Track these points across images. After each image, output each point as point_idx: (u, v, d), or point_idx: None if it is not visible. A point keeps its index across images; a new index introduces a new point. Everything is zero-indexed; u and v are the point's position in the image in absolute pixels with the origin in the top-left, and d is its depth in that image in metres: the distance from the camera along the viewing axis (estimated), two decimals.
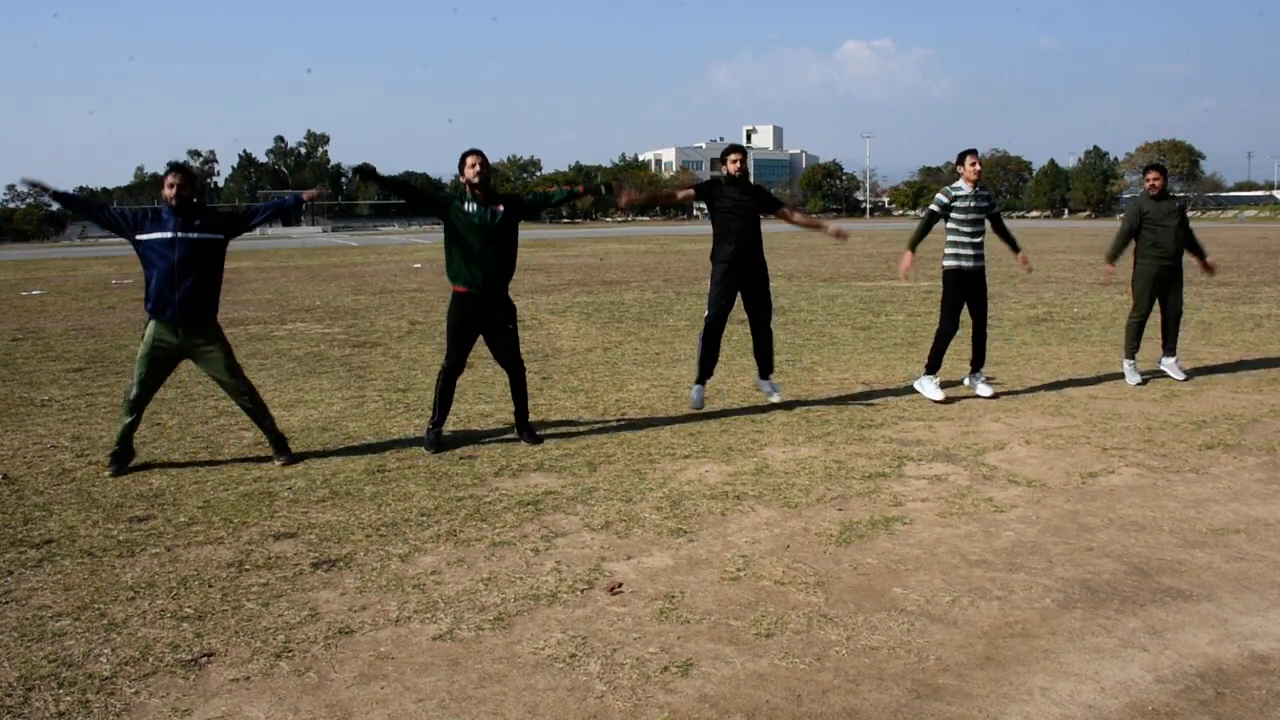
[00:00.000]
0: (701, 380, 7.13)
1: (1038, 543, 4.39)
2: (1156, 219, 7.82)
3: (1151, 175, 7.96)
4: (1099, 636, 3.45)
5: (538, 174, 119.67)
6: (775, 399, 7.22)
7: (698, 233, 52.55)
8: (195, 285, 5.65)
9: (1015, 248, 7.78)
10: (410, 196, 6.56)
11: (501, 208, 6.14)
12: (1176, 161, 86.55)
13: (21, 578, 4.19)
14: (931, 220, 7.38)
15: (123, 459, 5.84)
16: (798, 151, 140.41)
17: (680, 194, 7.42)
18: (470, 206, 6.03)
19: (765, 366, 7.24)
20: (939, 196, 7.37)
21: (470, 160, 6.04)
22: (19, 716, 3.06)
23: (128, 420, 5.82)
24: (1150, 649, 3.35)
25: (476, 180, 6.02)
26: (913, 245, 7.40)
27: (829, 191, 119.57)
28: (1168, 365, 8.07)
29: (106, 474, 5.74)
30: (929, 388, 7.40)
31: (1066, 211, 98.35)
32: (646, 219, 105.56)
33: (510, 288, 6.44)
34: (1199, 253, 8.09)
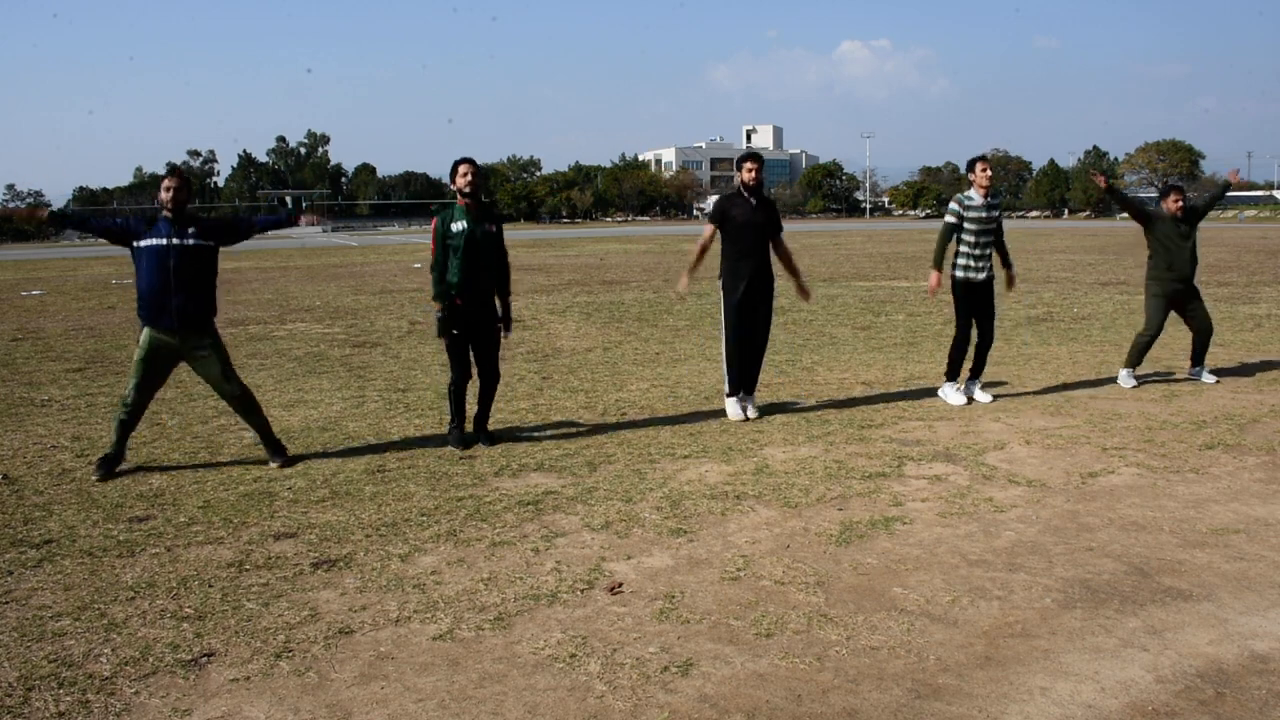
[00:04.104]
0: (735, 393, 6.94)
1: (1038, 543, 4.39)
2: (1172, 240, 7.78)
3: (1173, 197, 7.88)
4: (1099, 636, 3.45)
5: (538, 174, 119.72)
6: (751, 415, 6.92)
7: (697, 233, 52.54)
8: (191, 292, 5.63)
9: (1006, 263, 7.46)
10: (446, 266, 6.24)
11: (494, 229, 6.19)
12: (1176, 161, 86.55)
13: (21, 578, 4.19)
14: (950, 232, 7.19)
15: (113, 462, 5.76)
16: (798, 151, 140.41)
17: (707, 235, 6.96)
18: (459, 225, 6.06)
19: (750, 383, 7.03)
20: (953, 206, 7.21)
21: (462, 169, 6.09)
22: (19, 716, 3.06)
23: (122, 420, 5.76)
24: (1150, 649, 3.35)
25: (468, 189, 6.05)
26: (937, 263, 7.16)
27: (829, 191, 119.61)
28: (1199, 374, 8.02)
29: (93, 478, 5.65)
30: (951, 394, 7.36)
31: (1066, 211, 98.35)
32: (646, 219, 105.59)
33: (510, 288, 6.44)
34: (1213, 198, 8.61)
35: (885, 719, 2.95)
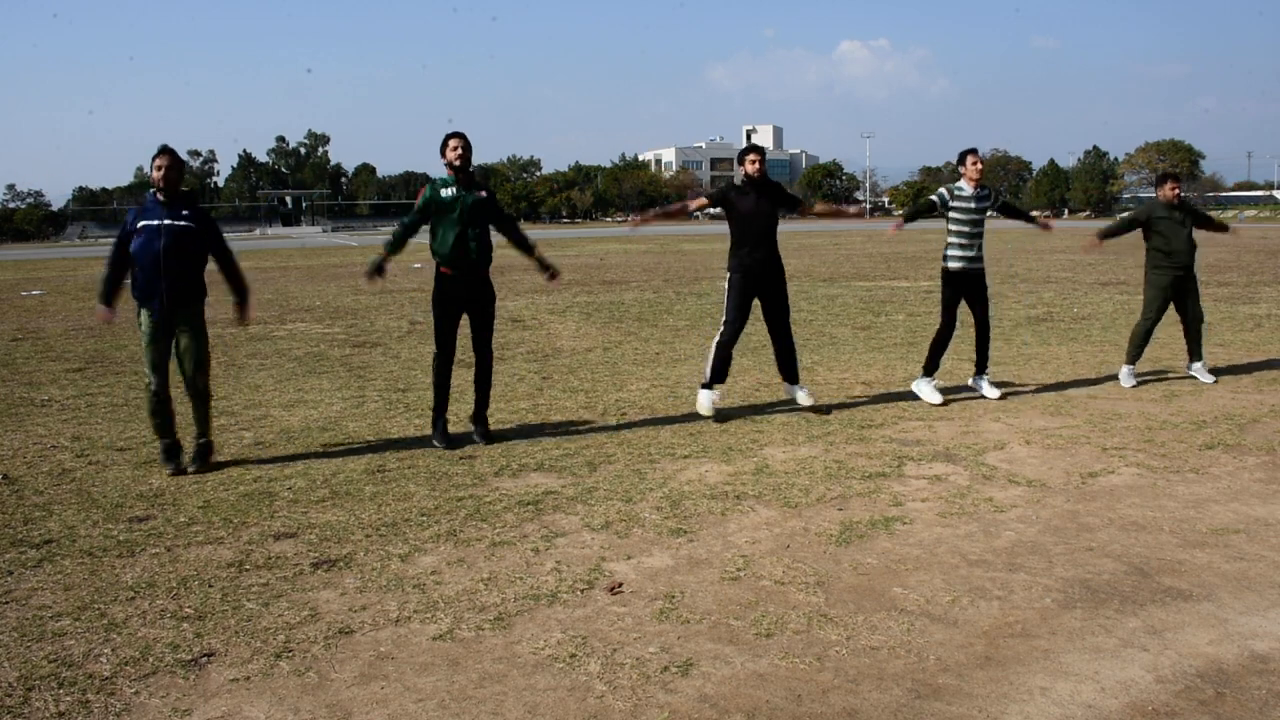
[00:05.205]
0: (712, 385, 6.96)
1: (1038, 543, 4.39)
2: (1169, 227, 7.79)
3: (1170, 185, 7.95)
4: (1099, 636, 3.45)
5: (538, 174, 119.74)
6: (806, 402, 7.01)
7: (697, 233, 52.55)
8: (182, 272, 5.67)
9: (1030, 219, 8.18)
10: (414, 232, 6.45)
11: (484, 194, 6.19)
12: (1176, 161, 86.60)
13: (21, 578, 4.19)
14: (929, 207, 7.41)
15: (174, 453, 5.82)
16: (798, 151, 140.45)
17: (694, 204, 7.18)
18: (449, 191, 6.09)
19: (791, 374, 7.11)
20: (940, 190, 7.40)
21: (452, 143, 6.12)
22: (19, 716, 3.06)
23: (159, 413, 5.79)
24: (1150, 649, 3.35)
25: (458, 163, 6.08)
26: (906, 217, 7.69)
27: (829, 191, 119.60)
28: (1197, 370, 8.02)
29: (166, 472, 5.72)
30: (926, 390, 7.37)
31: (1066, 211, 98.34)
32: None
33: (511, 287, 6.46)
34: (1218, 226, 8.61)
35: (885, 719, 2.95)
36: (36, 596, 3.99)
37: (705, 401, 6.92)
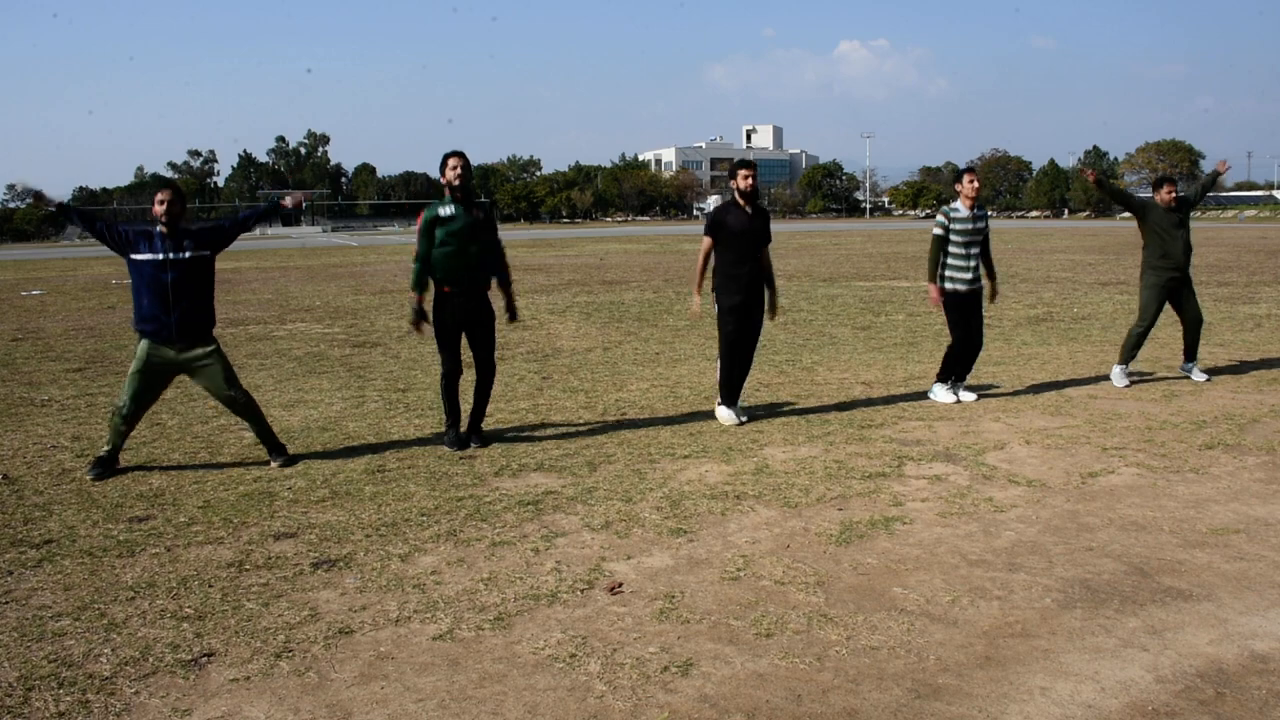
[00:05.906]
0: (730, 402, 6.83)
1: (1038, 543, 4.39)
2: (1167, 229, 7.80)
3: (1167, 188, 7.93)
4: (1099, 636, 3.45)
5: (538, 174, 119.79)
6: (741, 418, 6.84)
7: (698, 233, 52.48)
8: (191, 304, 5.63)
9: (990, 274, 7.39)
10: (429, 261, 6.41)
11: (482, 215, 6.21)
12: (1176, 161, 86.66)
13: (21, 578, 4.19)
14: (940, 245, 7.23)
15: (108, 463, 5.75)
16: (798, 151, 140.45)
17: (709, 253, 6.88)
18: (449, 210, 6.09)
19: (737, 391, 6.91)
20: (940, 219, 7.27)
21: (452, 162, 6.12)
22: (19, 716, 3.06)
23: (120, 430, 5.75)
24: (1150, 649, 3.35)
25: (457, 182, 6.08)
26: (932, 277, 7.28)
27: (829, 191, 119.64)
28: (1191, 370, 8.08)
29: (88, 477, 5.66)
30: (941, 392, 7.39)
31: (1066, 211, 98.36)
32: (646, 219, 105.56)
33: (511, 287, 6.48)
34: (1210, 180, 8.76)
35: (885, 719, 2.95)
36: (36, 596, 3.99)
37: (725, 417, 6.80)
